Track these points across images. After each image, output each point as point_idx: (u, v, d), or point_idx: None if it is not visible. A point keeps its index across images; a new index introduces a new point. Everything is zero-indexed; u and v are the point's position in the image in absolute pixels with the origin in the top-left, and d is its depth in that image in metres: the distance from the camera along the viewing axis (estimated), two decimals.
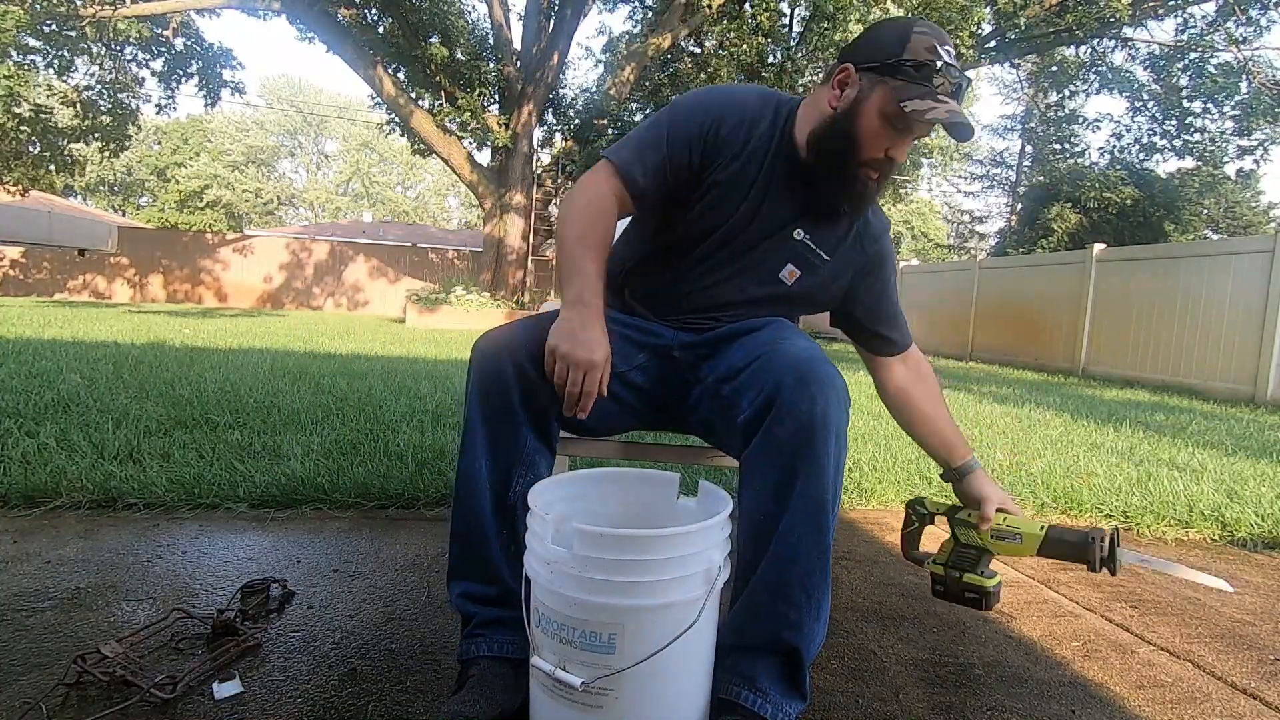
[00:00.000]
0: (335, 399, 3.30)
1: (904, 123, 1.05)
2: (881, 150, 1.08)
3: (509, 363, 1.03)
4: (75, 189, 31.23)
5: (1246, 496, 2.44)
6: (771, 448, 0.97)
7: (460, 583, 1.07)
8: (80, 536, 1.64)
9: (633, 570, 0.85)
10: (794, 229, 1.18)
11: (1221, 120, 13.21)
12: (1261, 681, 1.28)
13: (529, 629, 0.93)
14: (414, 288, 14.61)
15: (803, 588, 0.97)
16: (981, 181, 30.69)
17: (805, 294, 1.23)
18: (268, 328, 8.47)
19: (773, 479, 0.97)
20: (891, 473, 2.51)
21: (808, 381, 0.97)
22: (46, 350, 4.60)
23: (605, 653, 0.85)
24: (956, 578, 1.38)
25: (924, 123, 1.04)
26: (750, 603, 0.99)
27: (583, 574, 0.85)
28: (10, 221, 13.94)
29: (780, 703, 0.95)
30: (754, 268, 1.19)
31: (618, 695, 0.86)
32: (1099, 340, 8.51)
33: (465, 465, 1.06)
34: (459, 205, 45.00)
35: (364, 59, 10.94)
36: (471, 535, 1.06)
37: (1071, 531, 1.27)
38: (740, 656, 0.98)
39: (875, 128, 1.07)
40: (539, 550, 0.89)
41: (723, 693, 0.97)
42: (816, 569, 0.97)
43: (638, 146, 1.14)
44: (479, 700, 0.95)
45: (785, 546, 0.97)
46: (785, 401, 0.97)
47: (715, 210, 1.16)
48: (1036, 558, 1.36)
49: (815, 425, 0.95)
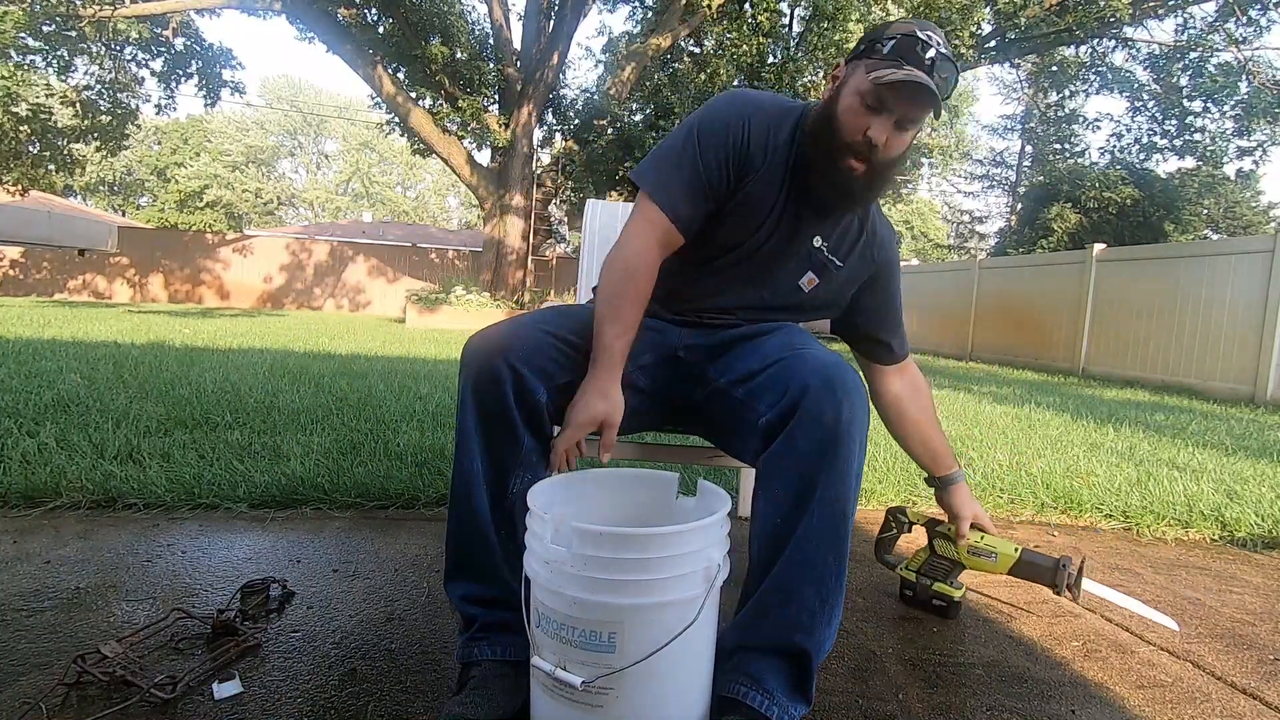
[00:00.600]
0: (335, 399, 3.30)
1: (874, 96, 1.05)
2: (860, 132, 1.07)
3: (501, 363, 1.02)
4: (75, 189, 31.25)
5: (1246, 496, 2.44)
6: (794, 452, 0.98)
7: (460, 584, 1.07)
8: (80, 536, 1.64)
9: (632, 569, 0.85)
10: (813, 237, 1.20)
11: (1221, 120, 13.21)
12: (1261, 681, 1.28)
13: (529, 629, 0.93)
14: (414, 288, 14.61)
15: (818, 592, 0.97)
16: (981, 181, 30.71)
17: (820, 301, 1.25)
18: (268, 328, 8.47)
19: (794, 483, 0.98)
20: (891, 473, 2.51)
21: (834, 387, 0.98)
22: (46, 350, 4.60)
23: (605, 652, 0.85)
24: (927, 585, 1.47)
25: (883, 85, 1.03)
26: (762, 604, 0.99)
27: (582, 573, 0.85)
28: (10, 221, 13.94)
29: (786, 705, 0.95)
30: (777, 277, 1.21)
31: (618, 694, 0.86)
32: (1099, 340, 8.51)
33: (461, 467, 1.05)
34: (459, 205, 45.00)
35: (364, 59, 10.94)
36: (471, 537, 1.06)
37: (1043, 556, 1.39)
38: (747, 656, 0.98)
39: (851, 106, 1.08)
40: (538, 550, 0.89)
41: (727, 691, 0.96)
42: (832, 574, 0.98)
43: (675, 173, 1.14)
44: (481, 702, 0.94)
45: (803, 551, 0.97)
46: (810, 407, 0.97)
47: (744, 224, 1.18)
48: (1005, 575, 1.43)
49: (840, 432, 0.96)
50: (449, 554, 1.08)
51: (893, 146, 1.09)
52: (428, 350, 6.44)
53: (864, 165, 1.09)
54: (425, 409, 3.17)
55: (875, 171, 1.10)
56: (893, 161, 1.11)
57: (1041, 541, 2.05)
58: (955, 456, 1.35)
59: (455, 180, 27.37)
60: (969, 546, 1.40)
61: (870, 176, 1.11)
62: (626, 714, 0.87)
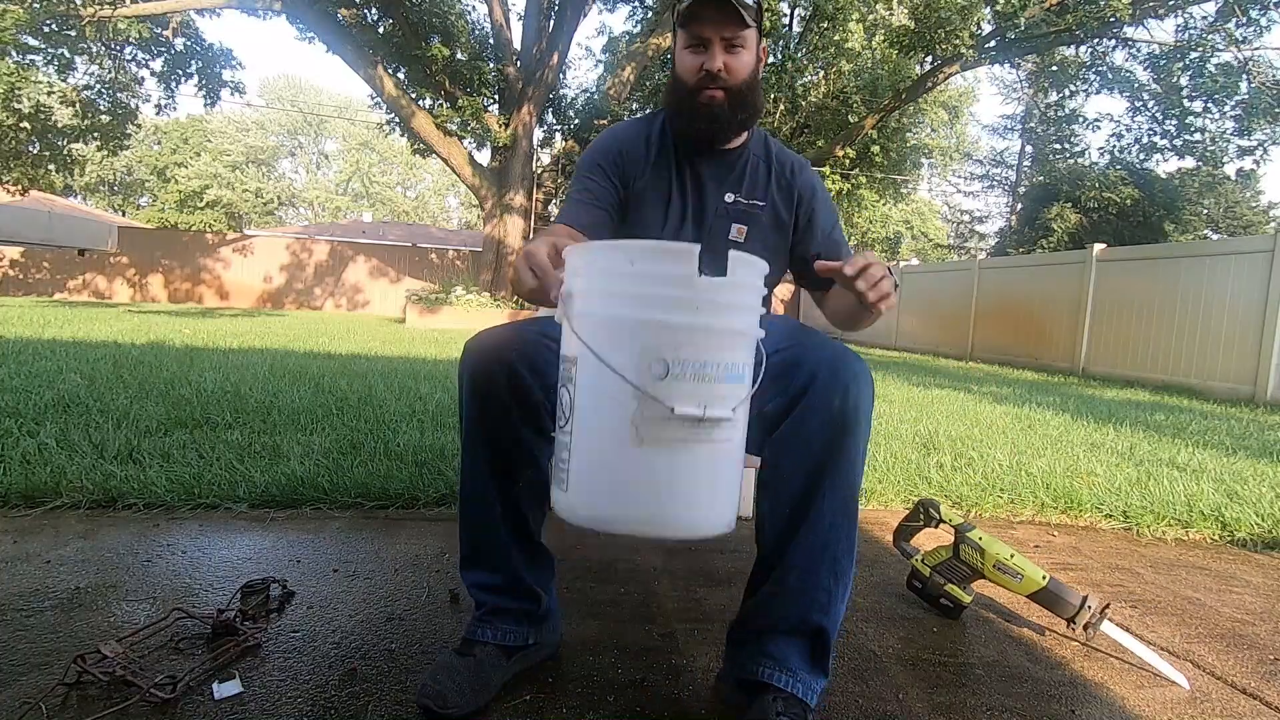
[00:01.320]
0: (335, 399, 3.30)
1: (686, 34, 1.20)
2: (697, 68, 1.20)
3: (499, 364, 1.04)
4: (75, 189, 31.25)
5: (1246, 496, 2.44)
6: (803, 438, 1.01)
7: (473, 573, 1.14)
8: (80, 536, 1.64)
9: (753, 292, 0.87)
10: (724, 195, 1.32)
11: (1221, 120, 13.19)
12: (1261, 681, 1.28)
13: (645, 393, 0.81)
14: (414, 288, 14.61)
15: (832, 572, 1.02)
16: (981, 181, 30.73)
17: (760, 246, 1.30)
18: (268, 328, 8.47)
19: (805, 468, 1.01)
20: (892, 473, 2.51)
21: (841, 374, 1.01)
22: (46, 350, 4.60)
23: (737, 383, 0.85)
24: (940, 583, 1.47)
25: (682, 12, 1.17)
26: (778, 586, 1.03)
27: (728, 299, 0.84)
28: (10, 221, 13.91)
29: (809, 682, 1.02)
30: (709, 242, 1.28)
31: (736, 421, 0.85)
32: (1099, 340, 8.51)
33: (468, 469, 1.10)
34: (459, 205, 45.01)
35: (364, 59, 10.93)
36: (482, 532, 1.11)
37: (1070, 591, 1.39)
38: (769, 639, 1.03)
39: (680, 56, 1.23)
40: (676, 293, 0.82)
41: (752, 674, 1.02)
42: (845, 552, 1.03)
43: (571, 198, 1.32)
44: (466, 684, 1.03)
45: (817, 533, 1.01)
46: (820, 394, 1.00)
47: (656, 209, 1.31)
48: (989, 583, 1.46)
49: (848, 417, 0.99)
50: (462, 545, 1.14)
51: (734, 68, 1.20)
52: (428, 350, 6.44)
53: (721, 91, 1.21)
54: (425, 409, 3.17)
55: (735, 95, 1.22)
56: (747, 82, 1.22)
57: (1041, 541, 2.05)
58: None
59: (455, 180, 27.38)
60: (995, 562, 1.41)
61: (732, 100, 1.22)
62: (738, 439, 0.87)
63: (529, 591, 1.12)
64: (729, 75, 1.20)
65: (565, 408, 0.86)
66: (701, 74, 1.20)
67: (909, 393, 5.25)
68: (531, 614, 1.13)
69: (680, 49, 1.23)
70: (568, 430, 0.85)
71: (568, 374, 0.86)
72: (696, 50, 1.20)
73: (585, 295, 0.85)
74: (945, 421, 3.78)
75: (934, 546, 1.53)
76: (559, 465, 0.87)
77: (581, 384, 0.84)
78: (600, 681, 1.14)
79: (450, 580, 1.50)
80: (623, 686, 1.12)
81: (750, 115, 1.26)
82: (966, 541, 1.46)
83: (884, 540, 1.97)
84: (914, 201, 29.72)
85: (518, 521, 1.11)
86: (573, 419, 0.84)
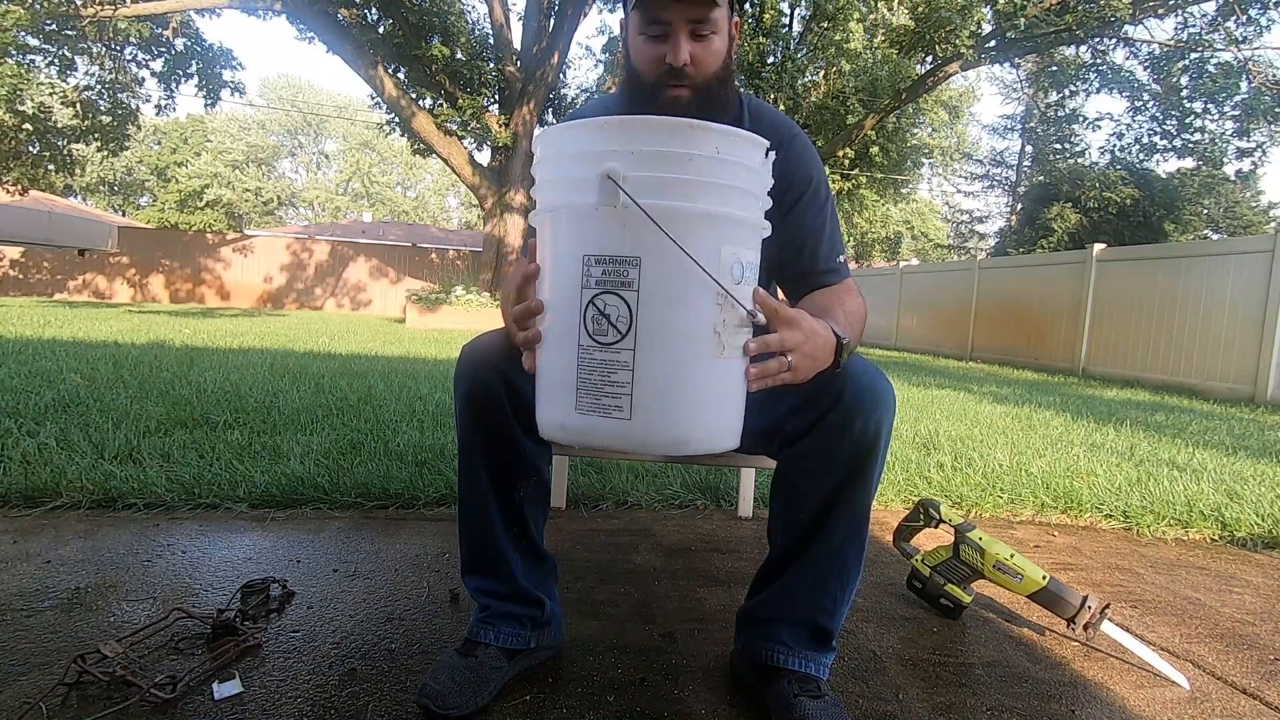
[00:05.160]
0: (335, 399, 3.30)
1: (643, 20, 1.00)
2: (658, 62, 1.00)
3: (493, 372, 1.02)
4: (75, 189, 31.26)
5: (1246, 496, 2.43)
6: (824, 456, 0.99)
7: (474, 579, 1.13)
8: (80, 536, 1.64)
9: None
10: None
11: (1221, 120, 13.19)
12: (1261, 681, 1.28)
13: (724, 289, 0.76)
14: (414, 288, 14.61)
15: (840, 582, 1.05)
16: (981, 181, 30.70)
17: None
18: (268, 328, 8.47)
19: (824, 487, 1.00)
20: (892, 472, 2.51)
21: (864, 397, 0.97)
22: (46, 350, 4.60)
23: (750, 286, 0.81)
24: (940, 584, 1.48)
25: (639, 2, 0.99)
26: (789, 588, 1.07)
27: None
28: (10, 221, 13.91)
29: (818, 658, 1.06)
30: None
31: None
32: (1099, 340, 8.51)
33: (466, 477, 1.08)
34: (459, 205, 44.99)
35: (364, 59, 10.93)
36: (482, 540, 1.10)
37: (1070, 591, 1.39)
38: (779, 627, 1.07)
39: (636, 46, 1.03)
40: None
41: (765, 659, 1.06)
42: (853, 564, 1.05)
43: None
44: (466, 684, 1.02)
45: (828, 547, 1.03)
46: (845, 414, 0.96)
47: None
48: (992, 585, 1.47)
49: (869, 440, 0.97)
50: (463, 552, 1.13)
51: (703, 60, 1.00)
52: (428, 350, 6.44)
53: (687, 89, 1.01)
54: (425, 409, 3.17)
55: (704, 93, 1.02)
56: (718, 74, 1.03)
57: (1041, 541, 2.05)
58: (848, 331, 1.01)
59: (455, 180, 27.37)
60: (996, 562, 1.41)
61: (701, 99, 1.02)
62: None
63: (531, 598, 1.12)
64: (696, 69, 1.00)
65: (615, 320, 0.73)
66: (663, 68, 0.99)
67: (909, 393, 5.25)
68: (535, 619, 1.12)
69: (634, 34, 1.02)
70: (622, 346, 0.73)
71: (619, 277, 0.73)
72: (655, 38, 1.00)
73: (647, 183, 0.71)
74: (945, 421, 3.78)
75: (934, 546, 1.53)
76: (606, 390, 0.74)
77: (648, 289, 0.72)
78: (600, 681, 1.13)
79: (450, 580, 1.50)
80: (623, 686, 1.12)
81: (723, 112, 1.07)
82: (966, 542, 1.46)
83: (884, 540, 1.97)
84: (914, 201, 29.72)
85: (519, 530, 1.10)
86: (634, 331, 0.73)
